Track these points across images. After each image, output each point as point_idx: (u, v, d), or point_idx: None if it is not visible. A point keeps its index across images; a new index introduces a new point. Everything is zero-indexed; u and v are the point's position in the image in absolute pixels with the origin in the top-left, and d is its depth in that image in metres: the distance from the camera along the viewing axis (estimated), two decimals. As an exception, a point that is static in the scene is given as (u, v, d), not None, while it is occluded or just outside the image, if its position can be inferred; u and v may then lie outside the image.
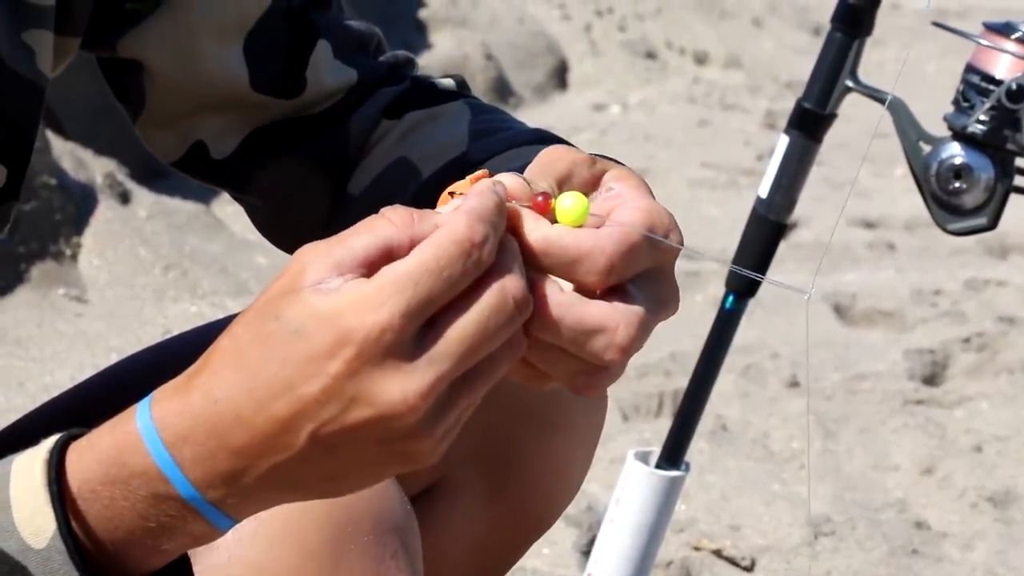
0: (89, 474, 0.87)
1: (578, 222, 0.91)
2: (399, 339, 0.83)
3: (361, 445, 0.85)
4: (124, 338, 3.04)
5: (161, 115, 1.23)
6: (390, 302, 0.84)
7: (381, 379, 0.83)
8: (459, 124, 1.21)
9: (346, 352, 0.83)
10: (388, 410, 0.84)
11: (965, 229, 1.67)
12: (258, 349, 0.85)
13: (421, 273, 0.84)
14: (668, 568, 2.44)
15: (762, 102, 5.61)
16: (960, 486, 2.77)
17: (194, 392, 0.86)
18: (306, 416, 0.84)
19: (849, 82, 1.75)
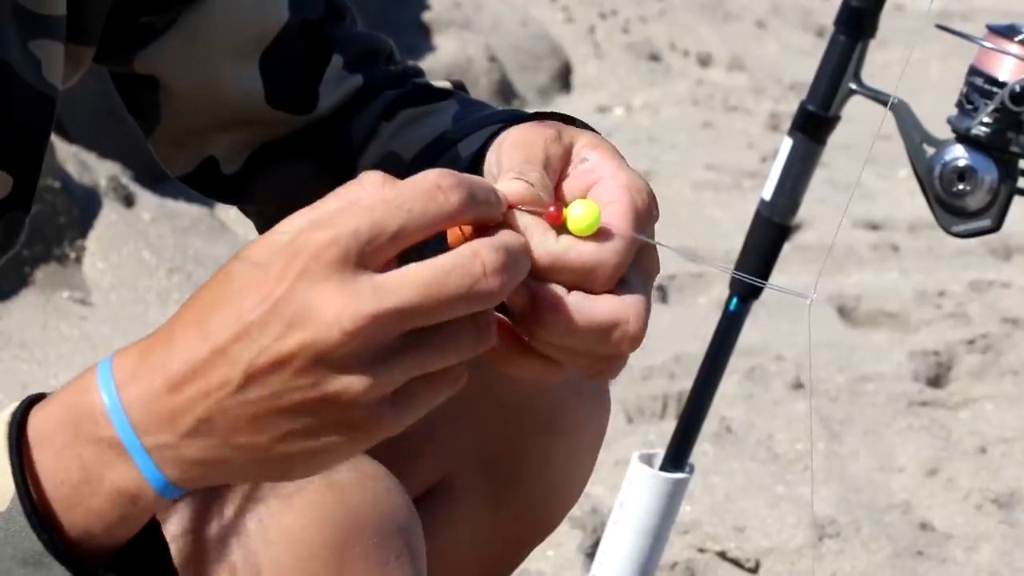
0: (46, 422, 0.86)
1: (590, 231, 0.92)
2: (344, 257, 0.81)
3: (295, 390, 0.82)
4: (128, 341, 3.03)
5: (175, 131, 1.23)
6: (340, 221, 0.82)
7: (318, 296, 0.81)
8: (445, 116, 1.22)
9: (292, 268, 0.82)
10: (321, 334, 0.81)
11: (969, 231, 1.67)
12: (218, 287, 0.84)
13: (378, 202, 0.83)
14: (672, 570, 2.44)
15: (766, 104, 5.61)
16: (965, 488, 2.77)
17: (156, 335, 0.85)
18: (246, 342, 0.82)
19: (853, 84, 1.75)
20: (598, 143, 0.97)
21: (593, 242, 0.91)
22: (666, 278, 3.77)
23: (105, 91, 3.85)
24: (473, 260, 0.83)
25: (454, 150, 1.16)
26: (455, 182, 0.85)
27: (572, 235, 0.92)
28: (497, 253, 0.84)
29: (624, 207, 0.93)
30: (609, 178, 0.94)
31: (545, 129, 0.97)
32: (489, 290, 0.84)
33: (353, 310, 0.81)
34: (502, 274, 0.84)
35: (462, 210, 0.85)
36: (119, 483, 0.85)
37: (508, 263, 0.85)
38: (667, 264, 3.91)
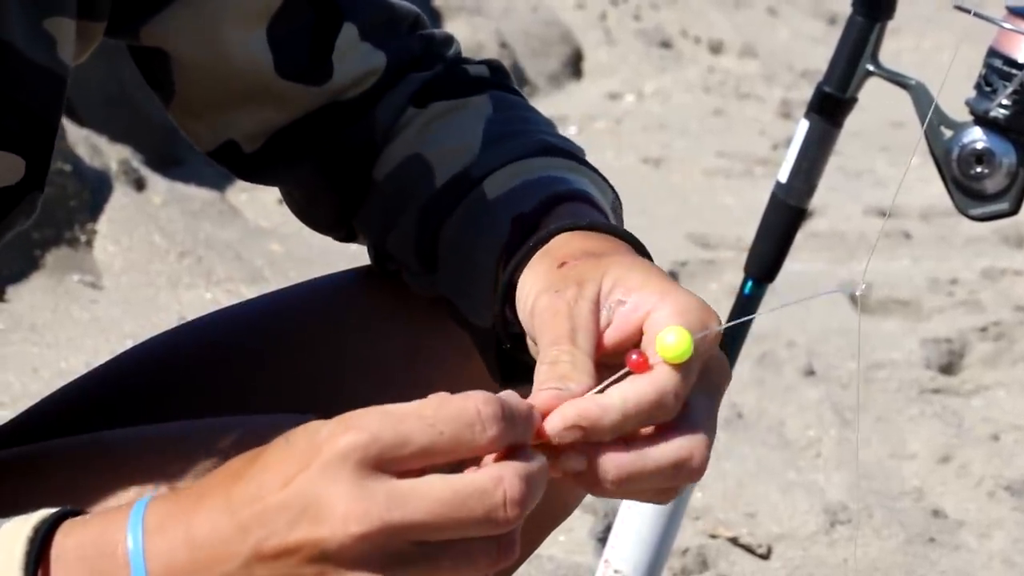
0: (68, 547, 0.85)
1: (682, 359, 0.90)
2: (362, 458, 0.81)
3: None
4: (139, 324, 3.04)
5: (191, 103, 1.22)
6: (369, 423, 0.82)
7: (332, 493, 0.81)
8: (476, 123, 1.20)
9: (314, 458, 0.82)
10: (328, 532, 0.81)
11: (986, 214, 1.66)
12: (255, 455, 0.85)
13: (413, 415, 0.83)
14: (684, 556, 2.44)
15: (777, 91, 5.60)
16: (977, 475, 2.76)
17: (190, 488, 0.86)
18: (261, 521, 0.83)
19: (870, 66, 1.74)
20: (628, 274, 0.96)
21: (645, 381, 0.90)
22: (677, 264, 3.76)
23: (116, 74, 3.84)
24: (496, 488, 0.83)
25: (478, 192, 1.14)
26: (494, 414, 0.84)
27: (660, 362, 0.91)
28: (521, 483, 0.84)
29: (675, 330, 0.92)
30: (657, 311, 0.94)
31: (563, 293, 0.96)
32: (507, 519, 0.83)
33: (362, 514, 0.81)
34: (522, 506, 0.83)
35: (495, 442, 0.84)
36: None
37: (529, 494, 0.84)
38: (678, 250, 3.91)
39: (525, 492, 0.83)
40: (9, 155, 1.07)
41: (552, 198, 1.10)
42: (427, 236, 1.16)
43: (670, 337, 0.91)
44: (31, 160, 1.09)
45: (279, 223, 3.76)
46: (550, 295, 0.97)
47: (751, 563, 2.46)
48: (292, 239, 3.63)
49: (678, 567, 2.42)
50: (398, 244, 1.20)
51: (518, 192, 1.12)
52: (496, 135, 1.19)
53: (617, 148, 4.84)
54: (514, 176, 1.14)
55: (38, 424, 1.25)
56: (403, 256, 1.20)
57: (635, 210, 1.09)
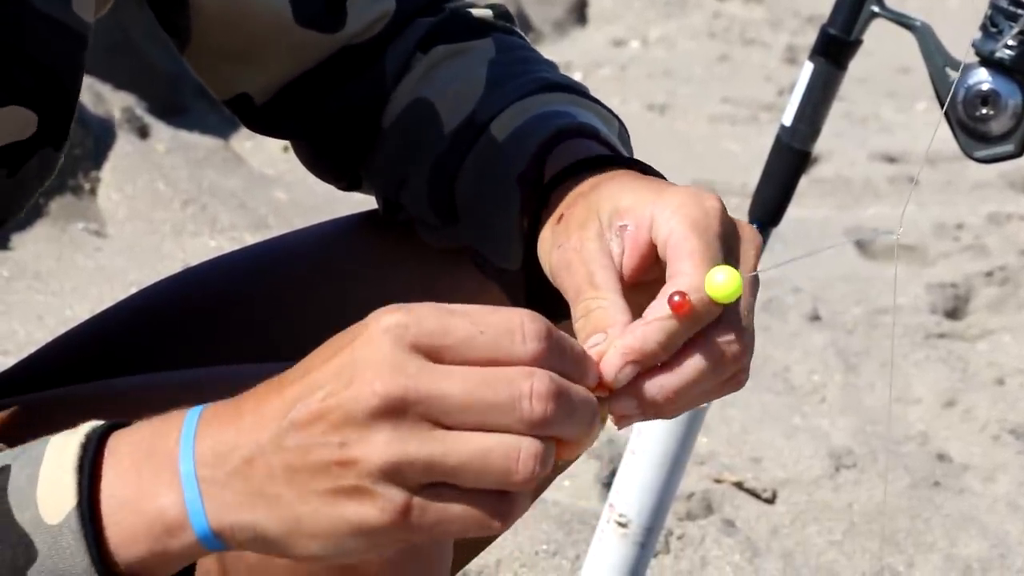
0: (123, 441, 0.86)
1: (731, 298, 0.90)
2: (401, 335, 0.83)
3: (324, 446, 0.82)
4: (143, 272, 3.04)
5: (207, 51, 1.21)
6: (416, 308, 0.84)
7: (366, 359, 0.82)
8: (479, 66, 1.19)
9: (359, 333, 0.84)
10: (355, 391, 0.82)
11: (992, 156, 1.66)
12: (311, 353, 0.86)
13: (460, 311, 0.84)
14: (689, 500, 2.44)
15: (783, 37, 5.58)
16: (982, 419, 2.76)
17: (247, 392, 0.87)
18: (302, 390, 0.83)
19: (875, 7, 1.73)
20: (620, 196, 0.97)
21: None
22: (682, 211, 3.75)
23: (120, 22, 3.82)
24: (524, 379, 0.82)
25: (486, 137, 1.14)
26: (537, 331, 0.84)
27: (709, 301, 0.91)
28: (551, 384, 0.83)
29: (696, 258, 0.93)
30: (658, 219, 0.94)
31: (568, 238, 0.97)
32: (531, 413, 0.82)
33: (388, 377, 0.82)
34: (547, 401, 0.82)
35: (535, 359, 0.84)
36: (163, 507, 0.84)
37: (560, 396, 0.83)
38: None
39: (554, 391, 0.83)
40: (19, 109, 1.06)
41: (554, 136, 1.10)
42: (442, 190, 1.16)
43: (719, 276, 0.90)
44: (44, 115, 1.07)
45: (284, 171, 3.75)
46: (557, 252, 0.98)
47: (756, 507, 2.47)
48: (297, 187, 3.62)
49: (683, 512, 2.42)
50: (412, 199, 1.19)
51: (525, 130, 1.12)
52: (499, 77, 1.19)
53: (622, 95, 4.83)
54: (518, 116, 1.14)
55: (42, 370, 1.25)
56: (419, 211, 1.19)
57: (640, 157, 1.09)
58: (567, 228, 0.98)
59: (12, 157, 1.07)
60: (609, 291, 0.94)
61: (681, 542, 2.32)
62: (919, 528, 2.44)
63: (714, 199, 0.95)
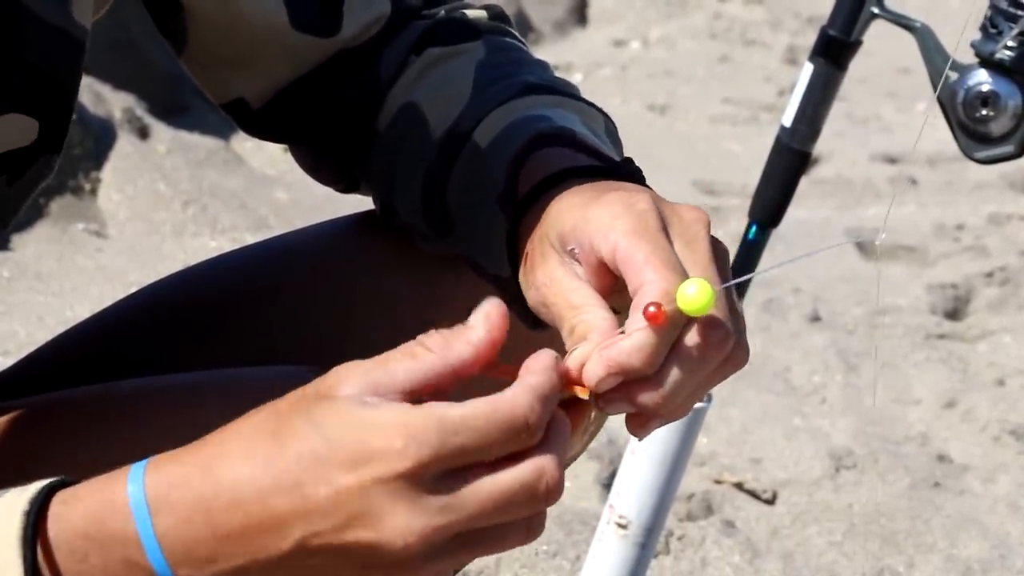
0: (69, 525, 0.84)
1: (703, 311, 0.90)
2: (420, 475, 0.82)
3: (344, 564, 0.83)
4: (144, 273, 3.04)
5: (203, 55, 1.21)
6: (424, 440, 0.82)
7: (389, 507, 0.82)
8: (467, 69, 1.19)
9: (365, 470, 0.82)
10: (385, 540, 0.82)
11: (992, 157, 1.66)
12: (275, 440, 0.83)
13: (465, 427, 0.83)
14: (689, 501, 2.44)
15: (783, 37, 5.58)
16: (983, 419, 2.76)
17: (195, 467, 0.84)
18: (304, 520, 0.82)
19: (875, 8, 1.73)
20: (563, 220, 0.98)
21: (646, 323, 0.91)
22: (683, 211, 3.75)
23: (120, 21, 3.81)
24: (538, 480, 0.85)
25: (471, 145, 1.14)
26: (540, 422, 0.85)
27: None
28: (559, 470, 0.85)
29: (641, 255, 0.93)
30: (597, 238, 0.95)
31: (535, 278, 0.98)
32: (547, 502, 0.85)
33: (420, 527, 0.82)
34: (559, 486, 0.85)
35: (538, 437, 0.86)
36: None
37: (563, 475, 0.86)
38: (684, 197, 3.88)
39: (561, 476, 0.85)
40: (21, 116, 1.05)
41: (528, 145, 1.09)
42: (434, 201, 1.16)
43: (691, 289, 0.90)
44: (45, 122, 1.07)
45: (284, 171, 3.75)
46: (532, 293, 0.99)
47: (756, 508, 2.47)
48: (297, 187, 3.62)
49: (683, 512, 2.42)
50: (408, 210, 1.19)
51: (503, 137, 1.12)
52: (485, 80, 1.18)
53: (623, 95, 4.83)
54: (499, 121, 1.13)
55: (42, 370, 1.25)
56: (414, 222, 1.20)
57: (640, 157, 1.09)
58: (532, 267, 1.00)
59: (13, 164, 1.06)
60: (588, 306, 0.95)
61: (681, 543, 2.33)
62: (919, 529, 2.45)
63: (643, 199, 0.95)
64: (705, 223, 0.96)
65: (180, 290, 1.29)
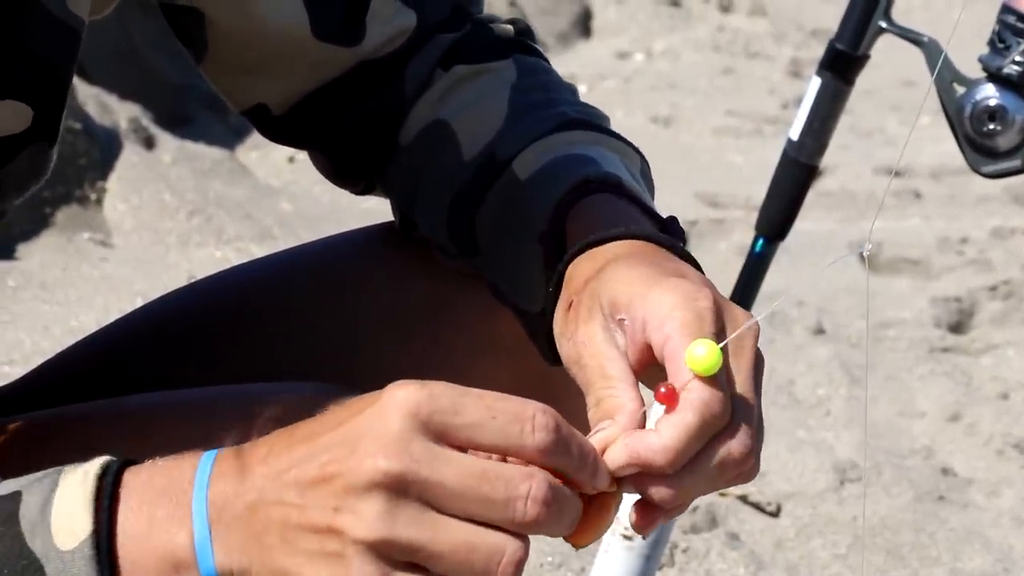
0: (137, 480, 0.88)
1: (711, 371, 0.91)
2: (414, 411, 0.84)
3: (318, 508, 0.85)
4: (149, 282, 3.04)
5: (224, 62, 1.21)
6: (433, 385, 0.84)
7: (375, 432, 0.84)
8: (500, 89, 1.19)
9: (372, 402, 0.85)
10: (358, 461, 0.84)
11: (999, 171, 1.66)
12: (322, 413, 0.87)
13: (475, 395, 0.85)
14: (694, 513, 2.44)
15: (787, 50, 5.58)
16: (986, 433, 2.76)
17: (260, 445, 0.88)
18: (310, 451, 0.85)
19: (883, 23, 1.73)
20: (616, 289, 0.98)
21: (687, 409, 0.91)
22: (687, 223, 3.76)
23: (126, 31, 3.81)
24: (523, 481, 0.85)
25: (508, 174, 1.14)
26: (547, 424, 0.86)
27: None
28: (549, 490, 0.85)
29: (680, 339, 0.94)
30: (650, 321, 0.95)
31: (576, 332, 0.98)
32: (523, 515, 0.84)
33: (393, 454, 0.84)
34: (542, 508, 0.85)
35: (542, 451, 0.85)
36: (175, 544, 0.86)
37: (554, 506, 0.85)
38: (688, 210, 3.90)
39: (550, 498, 0.85)
40: (16, 103, 1.06)
41: (576, 188, 1.10)
42: (462, 223, 1.17)
43: (699, 350, 0.91)
44: (40, 110, 1.08)
45: (289, 182, 3.76)
46: (568, 345, 1.00)
47: (760, 521, 2.47)
48: (302, 198, 3.63)
49: (687, 525, 2.42)
50: (432, 227, 1.19)
51: (547, 174, 1.12)
52: (520, 106, 1.18)
53: (626, 107, 4.83)
54: (541, 155, 1.14)
55: (52, 382, 1.25)
56: (438, 239, 1.20)
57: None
58: (576, 319, 1.00)
59: (4, 149, 1.07)
60: (619, 381, 0.96)
61: (686, 555, 2.33)
62: (923, 542, 2.45)
63: (706, 298, 0.95)
64: (755, 334, 0.97)
65: (188, 304, 1.29)
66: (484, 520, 0.84)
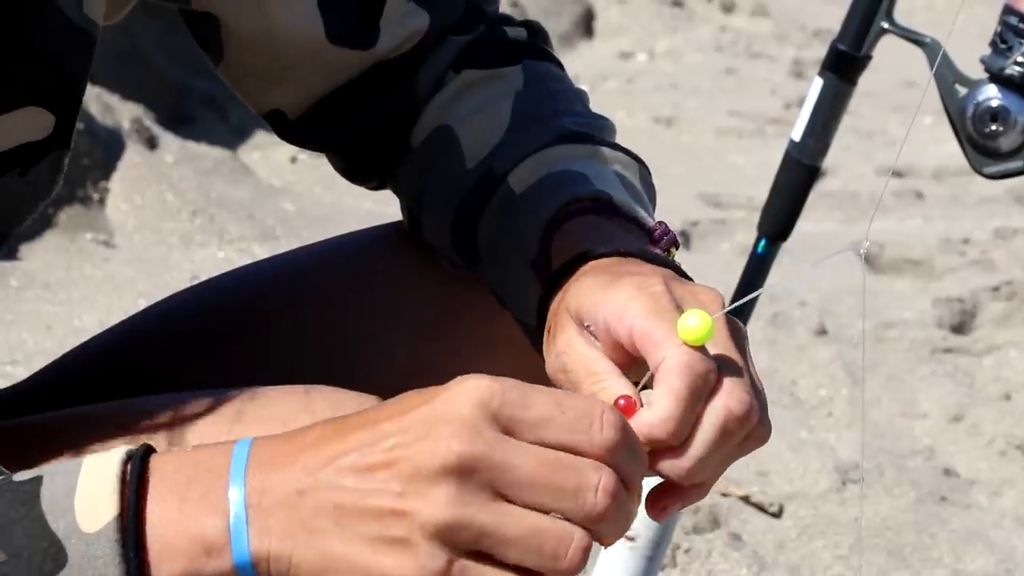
0: (166, 465, 0.87)
1: (702, 341, 0.93)
2: (485, 401, 0.84)
3: (382, 493, 0.84)
4: (152, 283, 3.05)
5: (241, 67, 1.21)
6: (503, 381, 0.85)
7: (445, 418, 0.84)
8: (505, 99, 1.19)
9: (441, 391, 0.85)
10: (429, 446, 0.83)
11: (1001, 172, 1.66)
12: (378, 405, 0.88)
13: (546, 390, 0.86)
14: (696, 514, 2.44)
15: (789, 50, 5.59)
16: (989, 434, 2.76)
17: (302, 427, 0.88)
18: (369, 435, 0.85)
19: (885, 23, 1.73)
20: (581, 299, 0.99)
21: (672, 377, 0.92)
22: (689, 224, 3.76)
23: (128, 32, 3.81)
24: (594, 472, 0.85)
25: (504, 188, 1.15)
26: (616, 423, 0.86)
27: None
28: (617, 484, 0.85)
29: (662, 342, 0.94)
30: (613, 323, 0.96)
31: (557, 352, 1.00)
32: (592, 507, 0.85)
33: (467, 438, 0.83)
34: (612, 499, 0.85)
35: (608, 450, 0.86)
36: (206, 529, 0.85)
37: (620, 496, 0.85)
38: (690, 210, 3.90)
39: (619, 491, 0.85)
40: (41, 111, 1.06)
41: (563, 209, 1.10)
42: (464, 235, 1.18)
43: (691, 320, 0.93)
44: (60, 116, 1.08)
45: (291, 182, 3.76)
46: (551, 360, 1.01)
47: (762, 521, 2.47)
48: (304, 198, 3.63)
49: (689, 525, 2.42)
50: (436, 232, 1.20)
51: (539, 192, 1.13)
52: (522, 117, 1.18)
53: (629, 108, 4.83)
54: (534, 170, 1.14)
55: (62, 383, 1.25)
56: (443, 251, 1.21)
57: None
58: (554, 337, 1.02)
59: (25, 157, 1.07)
60: (606, 373, 0.97)
61: (688, 556, 2.33)
62: (925, 543, 2.45)
63: (657, 283, 0.97)
64: (720, 302, 0.97)
65: (195, 305, 1.29)
66: (553, 509, 0.84)
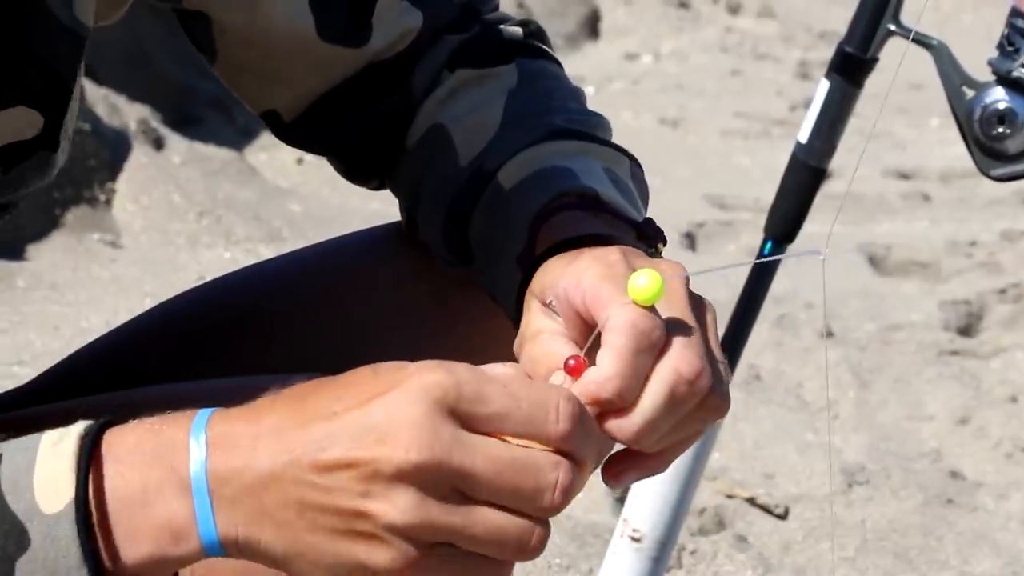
0: (124, 440, 0.87)
1: (652, 300, 0.93)
2: (442, 397, 0.85)
3: (345, 492, 0.84)
4: (158, 283, 3.05)
5: (235, 67, 1.21)
6: (460, 372, 0.85)
7: (404, 418, 0.84)
8: (498, 98, 1.19)
9: (395, 381, 0.85)
10: (388, 451, 0.84)
11: (1008, 175, 1.66)
12: (335, 379, 0.88)
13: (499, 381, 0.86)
14: (702, 516, 2.44)
15: (795, 52, 5.59)
16: (995, 436, 2.76)
17: (255, 403, 0.88)
18: (329, 430, 0.85)
19: (891, 26, 1.73)
20: (544, 280, 1.01)
21: (618, 335, 0.92)
22: (695, 225, 3.75)
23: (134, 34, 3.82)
24: (552, 470, 0.86)
25: (493, 185, 1.15)
26: (572, 413, 0.87)
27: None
28: (573, 479, 0.87)
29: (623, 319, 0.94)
30: (571, 291, 0.97)
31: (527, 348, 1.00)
32: (550, 503, 0.86)
33: (424, 445, 0.84)
34: (566, 496, 0.87)
35: (564, 438, 0.87)
36: (172, 514, 0.86)
37: (576, 488, 0.87)
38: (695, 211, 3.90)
39: (574, 487, 0.86)
40: (29, 110, 1.07)
41: (549, 204, 1.11)
42: (456, 234, 1.18)
43: (641, 279, 0.93)
44: (48, 117, 1.08)
45: (298, 183, 3.76)
46: (516, 344, 1.02)
47: (768, 523, 2.47)
48: (311, 199, 3.63)
49: (695, 527, 2.42)
50: (430, 231, 1.20)
51: (527, 188, 1.13)
52: (514, 114, 1.18)
53: (634, 109, 4.83)
54: (523, 167, 1.14)
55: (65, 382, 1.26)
56: (437, 249, 1.21)
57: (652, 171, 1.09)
58: (522, 336, 1.02)
59: (11, 156, 1.08)
60: (549, 331, 0.98)
61: (694, 557, 2.33)
62: (932, 545, 2.45)
63: (614, 251, 0.98)
64: (681, 274, 0.98)
65: (200, 305, 1.29)
66: (513, 509, 0.86)
